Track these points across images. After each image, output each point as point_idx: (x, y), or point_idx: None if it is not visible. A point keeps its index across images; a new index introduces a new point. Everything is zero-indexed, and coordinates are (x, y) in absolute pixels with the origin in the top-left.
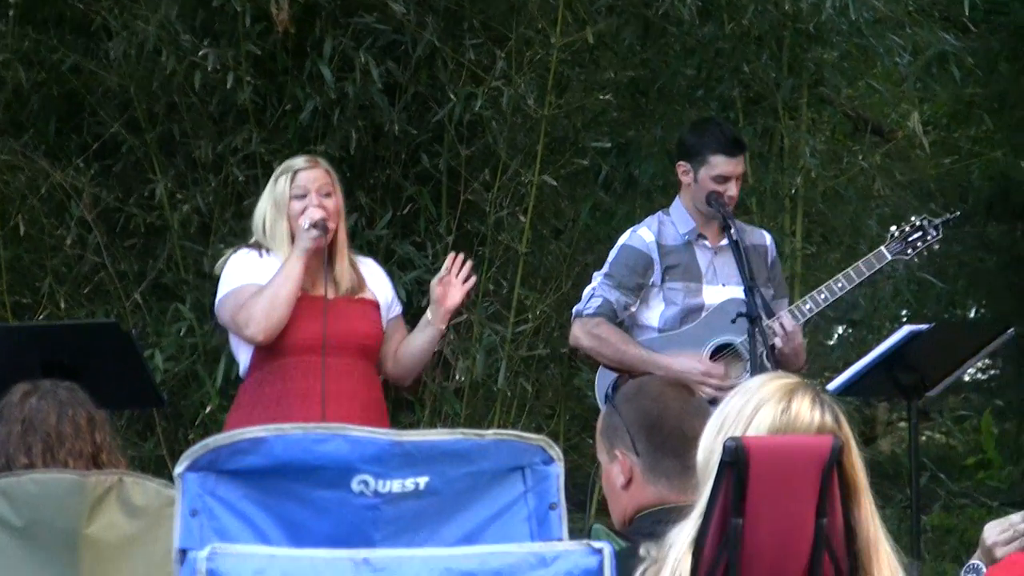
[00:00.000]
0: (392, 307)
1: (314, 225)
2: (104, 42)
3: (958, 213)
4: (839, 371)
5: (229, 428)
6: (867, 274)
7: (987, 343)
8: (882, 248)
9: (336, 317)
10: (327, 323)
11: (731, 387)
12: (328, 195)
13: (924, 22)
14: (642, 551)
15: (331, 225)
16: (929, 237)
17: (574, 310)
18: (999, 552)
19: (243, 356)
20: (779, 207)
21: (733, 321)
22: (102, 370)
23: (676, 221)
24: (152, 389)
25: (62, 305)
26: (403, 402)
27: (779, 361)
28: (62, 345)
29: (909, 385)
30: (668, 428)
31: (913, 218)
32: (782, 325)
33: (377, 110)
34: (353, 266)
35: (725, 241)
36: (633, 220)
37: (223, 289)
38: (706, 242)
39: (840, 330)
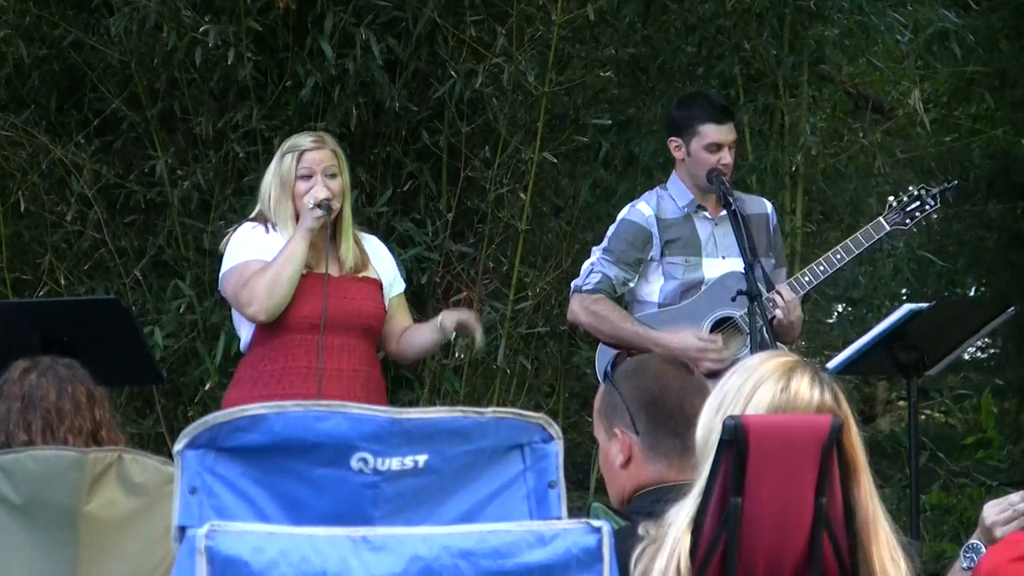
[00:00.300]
0: (394, 285)
1: (318, 205)
2: (105, 18)
3: (956, 182)
4: (838, 349)
5: (228, 403)
6: (866, 245)
7: (987, 321)
8: (880, 219)
9: (339, 296)
10: (329, 302)
11: (731, 360)
12: (334, 176)
13: None
14: (641, 530)
15: (335, 205)
16: (927, 207)
17: (572, 284)
18: (998, 532)
19: (244, 331)
20: (779, 185)
21: (733, 299)
22: (102, 347)
23: (674, 195)
24: (152, 366)
25: (62, 281)
26: (402, 380)
27: (776, 333)
28: (62, 322)
29: (909, 364)
30: (669, 407)
31: (911, 188)
32: (781, 295)
33: (378, 87)
34: (358, 244)
35: (725, 211)
36: (633, 197)
37: (227, 263)
38: (706, 213)
39: (840, 308)
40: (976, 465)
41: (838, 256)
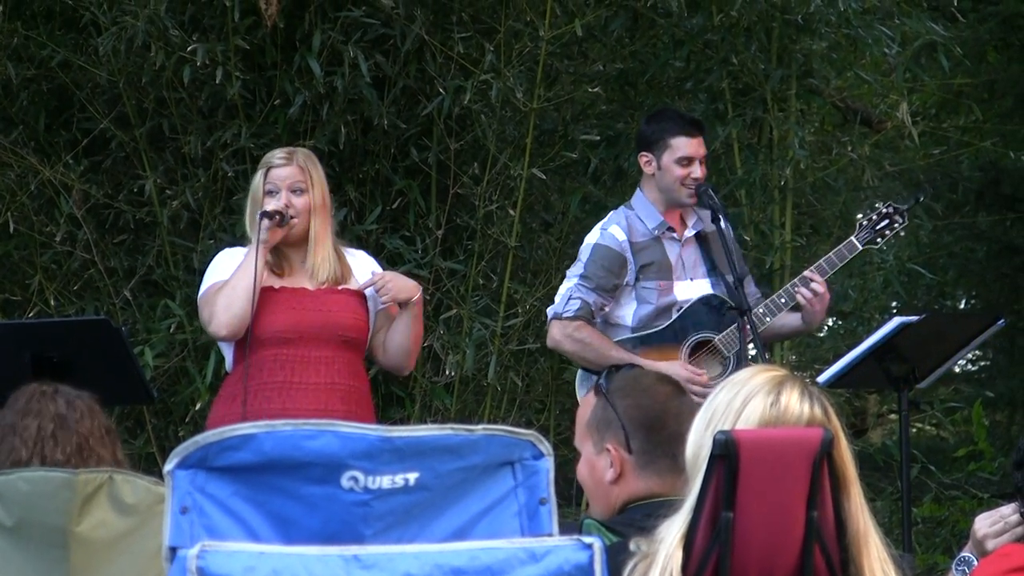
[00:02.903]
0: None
1: (266, 215)
2: (93, 37)
3: (922, 197)
4: (829, 363)
5: (211, 420)
6: (838, 266)
7: (978, 333)
8: (852, 239)
9: (315, 308)
10: (304, 314)
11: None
12: (300, 192)
13: (912, 12)
14: (632, 545)
15: (293, 220)
16: (896, 224)
17: (550, 311)
18: (990, 544)
19: (227, 350)
20: (768, 198)
21: (723, 314)
22: (92, 367)
23: (642, 215)
24: (142, 386)
25: (52, 302)
26: (393, 397)
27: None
28: (53, 342)
29: (900, 376)
30: (668, 429)
31: (879, 205)
32: (812, 278)
33: (366, 104)
34: (339, 257)
35: (690, 232)
36: None
37: (201, 289)
38: (674, 234)
39: (830, 322)
40: (967, 477)
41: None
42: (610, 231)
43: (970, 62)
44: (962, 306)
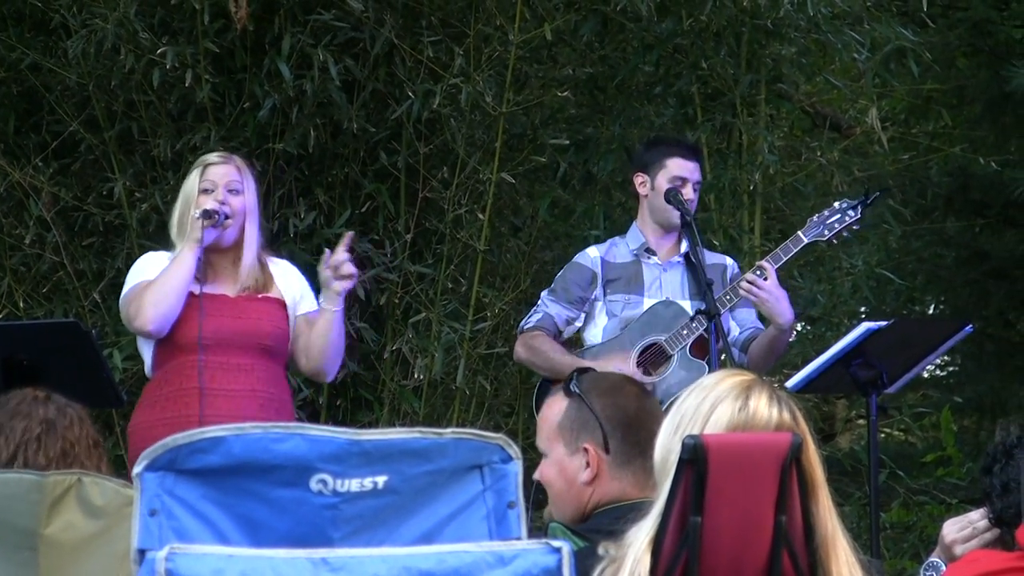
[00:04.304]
0: (301, 303)
1: (204, 215)
2: (63, 40)
3: (878, 194)
4: (797, 368)
5: (133, 427)
6: (783, 259)
7: (946, 339)
8: (799, 232)
9: (234, 315)
10: (222, 321)
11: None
12: (236, 192)
13: (882, 17)
14: (601, 550)
15: (229, 220)
16: (847, 218)
17: (518, 327)
18: (958, 550)
19: (147, 354)
20: (738, 203)
21: (692, 320)
22: (62, 369)
23: (628, 239)
24: (112, 388)
25: (21, 304)
26: (362, 401)
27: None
28: (22, 344)
29: (868, 381)
30: (646, 428)
31: (835, 203)
32: (764, 268)
33: (335, 107)
34: (262, 265)
35: (676, 258)
36: (592, 216)
37: (123, 290)
38: (655, 258)
39: (798, 327)
40: (936, 483)
41: (757, 272)
42: (587, 251)
43: (939, 68)
44: (931, 312)
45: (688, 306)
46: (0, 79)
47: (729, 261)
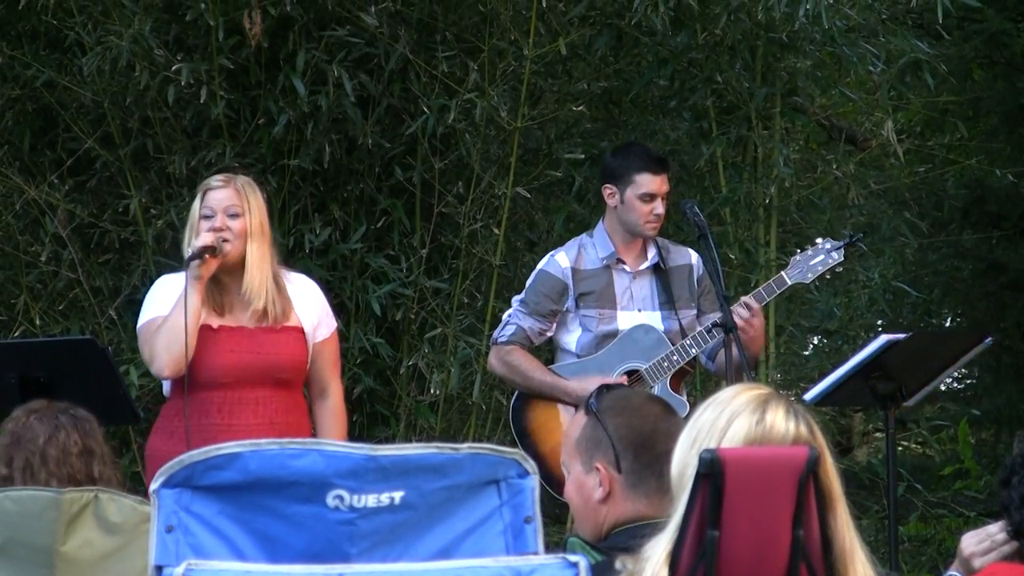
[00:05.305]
0: (319, 330)
1: (193, 257)
2: (78, 57)
3: (861, 235)
4: (814, 381)
5: (150, 452)
6: (767, 299)
7: (964, 352)
8: (783, 273)
9: (253, 350)
10: (239, 356)
11: None
12: (235, 216)
13: (897, 30)
14: (618, 564)
15: (227, 244)
16: (830, 260)
17: (492, 337)
18: (976, 563)
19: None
20: (753, 217)
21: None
22: (78, 387)
23: (597, 244)
24: (128, 405)
25: (37, 322)
26: (378, 416)
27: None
28: (39, 362)
29: (886, 395)
30: (658, 449)
31: (818, 240)
32: (747, 305)
33: (350, 123)
34: (279, 287)
35: (644, 265)
36: None
37: (139, 323)
38: (625, 267)
39: (815, 340)
40: (954, 495)
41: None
42: (556, 258)
43: (955, 80)
44: (948, 324)
45: (658, 317)
46: (15, 97)
47: (694, 258)
